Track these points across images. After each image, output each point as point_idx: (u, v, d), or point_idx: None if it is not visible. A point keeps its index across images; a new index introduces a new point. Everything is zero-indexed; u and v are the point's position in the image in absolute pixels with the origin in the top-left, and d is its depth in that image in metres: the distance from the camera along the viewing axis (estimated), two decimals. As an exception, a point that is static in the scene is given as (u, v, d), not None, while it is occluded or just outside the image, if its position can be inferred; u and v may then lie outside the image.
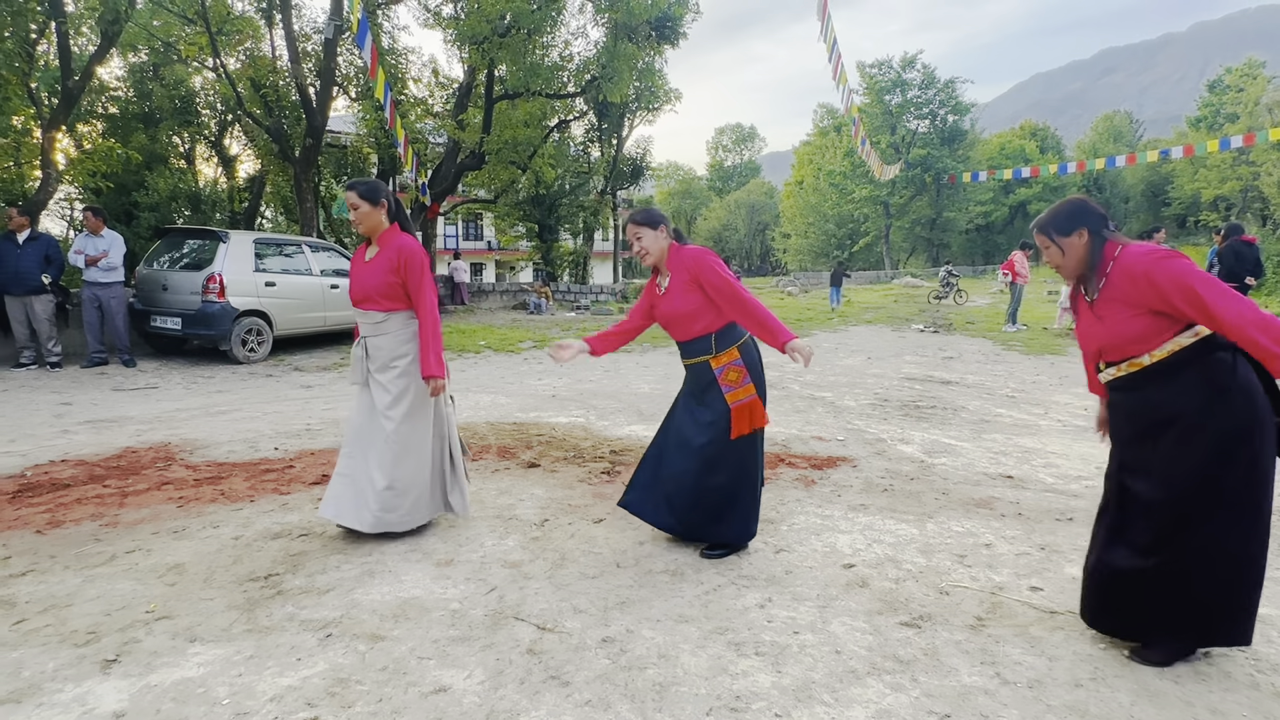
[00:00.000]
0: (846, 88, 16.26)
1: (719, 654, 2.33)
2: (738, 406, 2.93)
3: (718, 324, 2.97)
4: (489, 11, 13.74)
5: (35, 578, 2.86)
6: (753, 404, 2.94)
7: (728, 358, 2.94)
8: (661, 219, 3.02)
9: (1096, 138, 59.04)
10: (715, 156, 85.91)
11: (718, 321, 2.97)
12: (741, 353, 2.96)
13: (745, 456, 2.99)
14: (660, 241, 3.00)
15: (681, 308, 2.97)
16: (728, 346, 2.96)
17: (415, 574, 2.91)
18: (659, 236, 3.00)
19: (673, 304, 3.00)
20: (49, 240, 8.33)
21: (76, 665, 2.24)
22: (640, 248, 3.00)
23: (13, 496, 3.84)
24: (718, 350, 2.96)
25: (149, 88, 15.30)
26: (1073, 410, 6.46)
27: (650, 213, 3.04)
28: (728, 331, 2.98)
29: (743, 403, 2.93)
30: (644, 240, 2.99)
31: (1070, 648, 2.39)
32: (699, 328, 2.97)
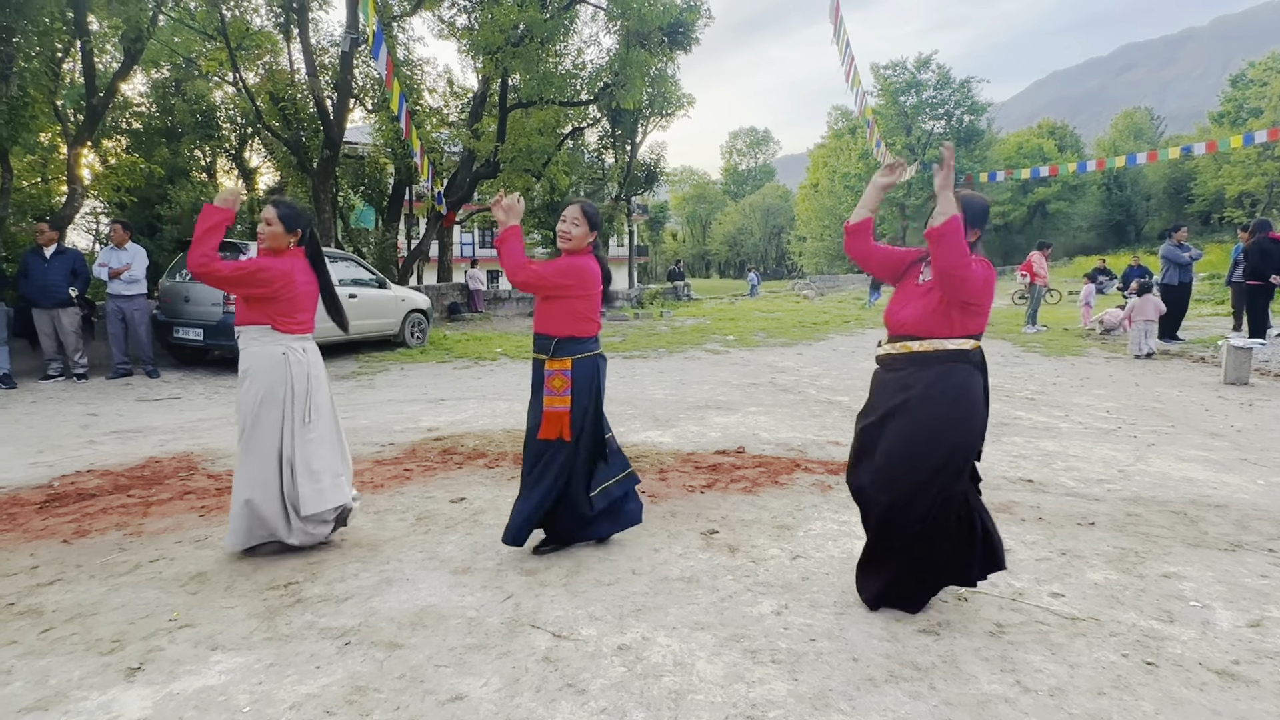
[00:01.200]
0: (860, 90, 16.20)
1: (735, 661, 2.32)
2: (549, 411, 3.06)
3: (559, 332, 3.09)
4: (502, 21, 13.86)
5: (62, 587, 2.91)
6: (562, 415, 3.05)
7: (559, 365, 3.06)
8: (598, 226, 3.22)
9: (1117, 135, 58.27)
10: (729, 160, 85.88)
11: (560, 329, 3.09)
12: (574, 367, 3.08)
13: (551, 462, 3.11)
14: (585, 240, 3.17)
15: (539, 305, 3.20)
16: (567, 355, 3.08)
17: (432, 582, 2.93)
18: (586, 235, 3.16)
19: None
20: (75, 254, 8.50)
21: (101, 673, 2.28)
22: (566, 230, 3.16)
23: (40, 507, 3.91)
24: (554, 355, 3.09)
25: (171, 103, 15.58)
26: (1094, 413, 6.37)
27: (598, 215, 3.24)
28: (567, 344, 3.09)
29: (554, 410, 3.05)
30: (577, 229, 3.15)
31: (1092, 655, 2.35)
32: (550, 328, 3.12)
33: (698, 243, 76.43)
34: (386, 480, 4.36)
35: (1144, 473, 4.52)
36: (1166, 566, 3.06)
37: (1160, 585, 2.88)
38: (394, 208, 18.65)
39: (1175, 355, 9.90)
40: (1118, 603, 2.73)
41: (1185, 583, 2.91)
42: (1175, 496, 4.04)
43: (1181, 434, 5.59)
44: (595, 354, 3.16)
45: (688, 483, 4.27)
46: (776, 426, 5.80)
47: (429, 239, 18.76)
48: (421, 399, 7.29)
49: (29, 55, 9.46)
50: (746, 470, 4.52)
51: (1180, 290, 10.82)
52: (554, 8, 14.99)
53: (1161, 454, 4.98)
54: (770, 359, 10.16)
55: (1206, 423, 5.97)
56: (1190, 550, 3.25)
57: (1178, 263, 10.71)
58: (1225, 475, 4.46)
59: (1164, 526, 3.55)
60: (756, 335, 13.17)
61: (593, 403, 3.13)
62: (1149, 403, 6.83)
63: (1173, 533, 3.47)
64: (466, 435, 5.51)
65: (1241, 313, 10.36)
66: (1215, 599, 2.77)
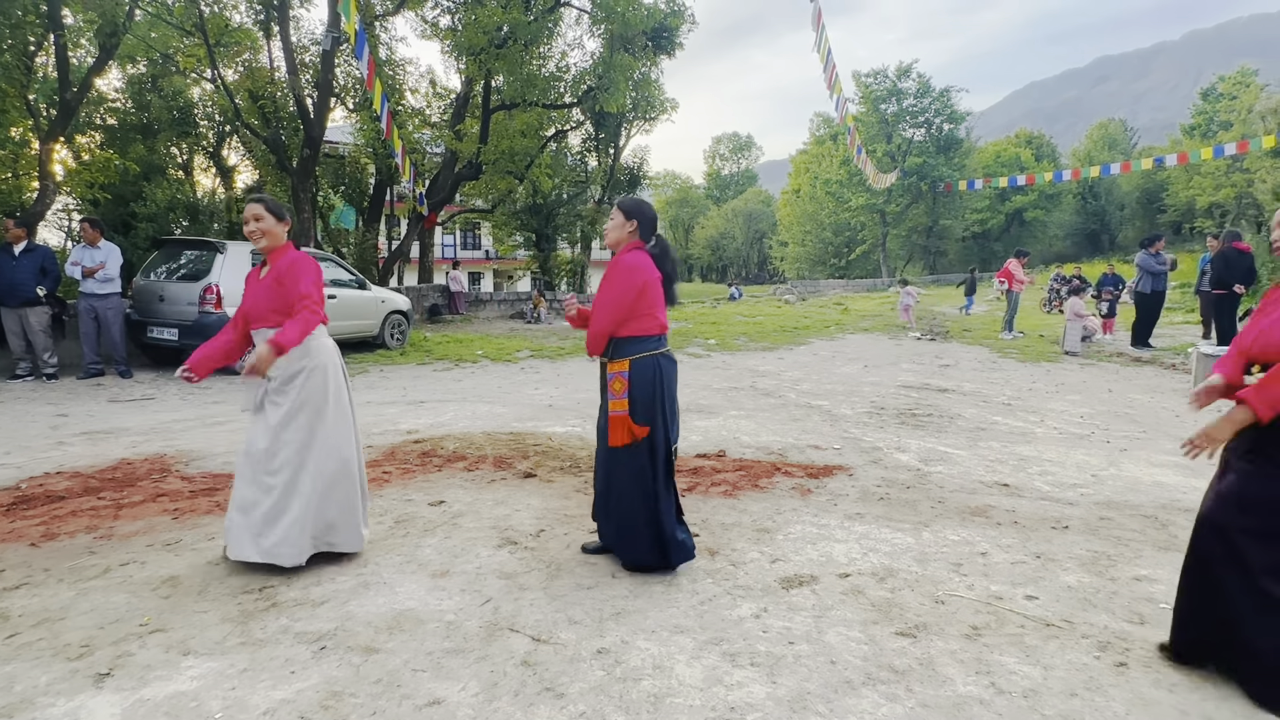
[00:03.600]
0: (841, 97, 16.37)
1: (714, 665, 2.33)
2: (613, 415, 2.93)
3: (620, 333, 2.96)
4: (486, 23, 13.82)
5: (29, 591, 2.85)
6: (624, 419, 2.91)
7: (619, 367, 2.94)
8: (638, 216, 3.03)
9: (1091, 145, 59.32)
10: (712, 165, 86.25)
11: (620, 330, 2.96)
12: (632, 368, 2.93)
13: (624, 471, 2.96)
14: (621, 231, 3.05)
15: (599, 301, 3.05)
16: (626, 356, 2.95)
17: (410, 585, 2.91)
18: (624, 226, 3.04)
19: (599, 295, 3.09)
20: (45, 252, 8.33)
21: (69, 679, 2.23)
22: (605, 230, 3.11)
23: (7, 509, 3.82)
24: (613, 356, 2.97)
25: (147, 99, 15.33)
26: (1068, 418, 6.47)
27: (639, 206, 3.07)
28: (625, 344, 2.97)
29: (618, 414, 2.92)
30: (613, 222, 3.06)
31: (1065, 657, 2.39)
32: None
33: (680, 247, 76.59)
34: (365, 483, 4.31)
35: (1116, 477, 4.60)
36: (1138, 569, 3.12)
37: (1131, 588, 2.93)
38: (375, 208, 18.50)
39: (1147, 362, 10.09)
40: (1090, 605, 2.77)
41: (1156, 585, 2.96)
42: (1146, 501, 4.11)
43: (1153, 439, 5.70)
44: (657, 353, 2.96)
45: (668, 486, 4.27)
46: (757, 430, 5.83)
47: (410, 240, 18.62)
48: (401, 401, 7.23)
49: (1, 48, 9.27)
50: (727, 474, 4.53)
51: (1154, 298, 11.04)
52: (538, 10, 14.98)
53: (1133, 459, 5.07)
54: (751, 363, 10.21)
55: (1177, 428, 6.08)
56: (1161, 553, 3.31)
57: (1151, 271, 10.93)
58: (1195, 480, 4.55)
59: (1135, 530, 3.62)
60: (738, 339, 13.22)
61: (658, 407, 2.93)
62: (1121, 408, 6.95)
63: (1144, 536, 3.53)
64: (446, 438, 5.47)
65: (1210, 321, 10.59)
66: (1184, 601, 2.81)
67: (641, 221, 3.03)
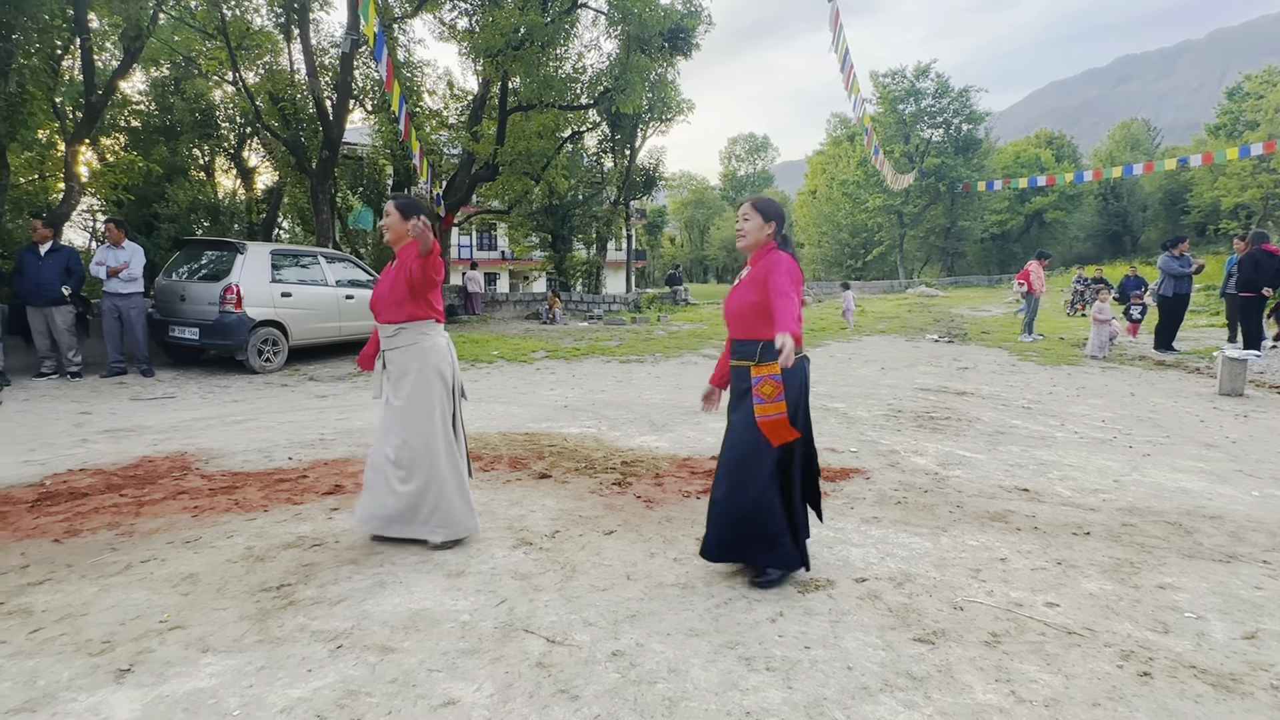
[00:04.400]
0: (859, 97, 16.27)
1: (729, 669, 2.31)
2: (764, 421, 2.78)
3: (769, 334, 2.80)
4: (503, 25, 13.88)
5: (52, 586, 2.89)
6: (781, 422, 2.78)
7: (768, 369, 2.78)
8: (775, 217, 2.94)
9: (1113, 146, 58.53)
10: (728, 166, 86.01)
11: (769, 331, 2.79)
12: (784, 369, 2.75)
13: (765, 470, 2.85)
14: (761, 234, 2.93)
15: (742, 303, 2.89)
16: (773, 358, 2.75)
17: (426, 585, 2.92)
18: (763, 228, 2.92)
19: (738, 298, 2.93)
20: (70, 252, 8.48)
21: (90, 675, 2.26)
22: (740, 229, 2.95)
23: (32, 505, 3.89)
24: (761, 359, 2.82)
25: (170, 101, 15.55)
26: (1090, 422, 6.38)
27: (770, 204, 2.97)
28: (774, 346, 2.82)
29: (771, 418, 2.77)
30: (748, 223, 2.93)
31: (1087, 666, 2.35)
32: (753, 330, 2.86)
33: (696, 248, 76.50)
34: (381, 482, 4.34)
35: (1139, 483, 4.53)
36: (1161, 577, 3.06)
37: (1155, 596, 2.88)
38: (392, 209, 18.62)
39: (1171, 366, 9.93)
40: (1113, 613, 2.73)
41: (1180, 594, 2.90)
42: (1170, 507, 4.04)
43: (1177, 445, 5.60)
44: (802, 354, 2.87)
45: (683, 488, 4.26)
46: (773, 432, 5.79)
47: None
48: (417, 401, 7.27)
49: (28, 52, 9.45)
50: (742, 476, 4.50)
51: (1177, 301, 10.87)
52: (555, 11, 15.02)
53: (1157, 464, 4.99)
54: (767, 365, 10.16)
55: (1201, 434, 5.98)
56: (1185, 561, 3.25)
57: (1173, 274, 10.76)
58: (1220, 486, 4.47)
59: (1159, 537, 3.56)
60: (753, 341, 13.16)
61: (802, 408, 2.90)
62: (1144, 413, 6.84)
63: (1168, 543, 3.47)
64: (462, 438, 5.49)
65: (1236, 324, 10.41)
66: (1210, 610, 2.76)
67: (779, 223, 2.96)
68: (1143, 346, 11.81)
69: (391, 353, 3.30)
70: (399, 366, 3.27)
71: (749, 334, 2.88)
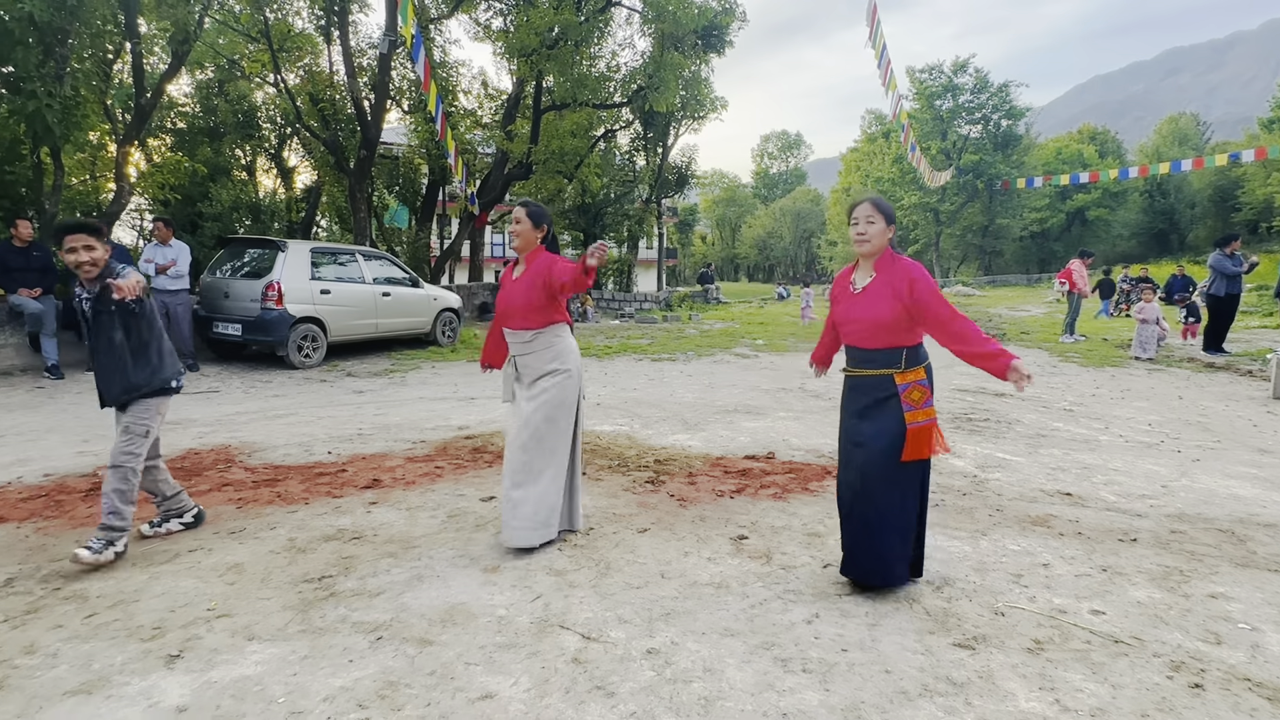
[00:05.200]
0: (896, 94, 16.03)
1: (765, 669, 2.30)
2: (915, 428, 2.74)
3: (913, 339, 2.80)
4: (538, 24, 13.95)
5: (106, 573, 2.99)
6: (930, 429, 2.77)
7: (914, 376, 2.77)
8: (893, 219, 2.88)
9: (1160, 141, 56.76)
10: (760, 164, 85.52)
11: (912, 337, 2.80)
12: (928, 375, 2.82)
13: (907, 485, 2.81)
14: (883, 238, 2.84)
15: (878, 314, 2.79)
16: (919, 364, 2.80)
17: (463, 580, 2.95)
18: (885, 230, 2.83)
19: (869, 308, 2.82)
20: (122, 251, 8.76)
21: (143, 660, 2.33)
22: (862, 232, 2.84)
23: (85, 495, 4.03)
24: (907, 366, 2.78)
25: (214, 103, 15.93)
26: (1136, 426, 6.21)
27: (889, 205, 2.91)
28: (918, 351, 2.82)
29: (921, 425, 2.75)
30: (873, 227, 2.82)
31: (1135, 676, 2.29)
32: (892, 339, 2.78)
33: (727, 246, 76.14)
34: (418, 477, 4.41)
35: (1188, 489, 4.39)
36: (1213, 586, 2.97)
37: (1207, 605, 2.79)
38: (427, 208, 18.86)
39: (1220, 368, 9.61)
40: (1162, 622, 2.65)
41: (1233, 604, 2.81)
42: (1222, 514, 3.91)
43: (1228, 449, 5.42)
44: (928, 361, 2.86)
45: (717, 487, 4.25)
46: (807, 433, 5.75)
47: (461, 239, 18.94)
48: (452, 397, 7.36)
49: (82, 57, 9.76)
50: (776, 476, 4.48)
51: (1227, 301, 10.50)
52: (589, 10, 15.06)
53: (1207, 470, 4.83)
54: (800, 364, 10.08)
55: (1254, 438, 5.78)
56: (1238, 570, 3.14)
57: (1226, 273, 10.40)
58: (1275, 494, 4.31)
59: (1210, 545, 3.44)
60: (786, 340, 13.07)
61: None
62: (1193, 416, 6.63)
63: (1219, 551, 3.36)
64: (496, 434, 5.55)
65: (1292, 325, 10.02)
66: (1265, 621, 2.67)
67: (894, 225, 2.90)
68: (1191, 348, 11.45)
69: (526, 357, 3.33)
70: (534, 369, 3.32)
71: (888, 342, 2.78)
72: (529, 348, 3.33)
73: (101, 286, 3.15)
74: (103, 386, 3.25)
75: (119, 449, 3.18)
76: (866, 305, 2.82)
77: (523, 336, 3.33)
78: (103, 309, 3.18)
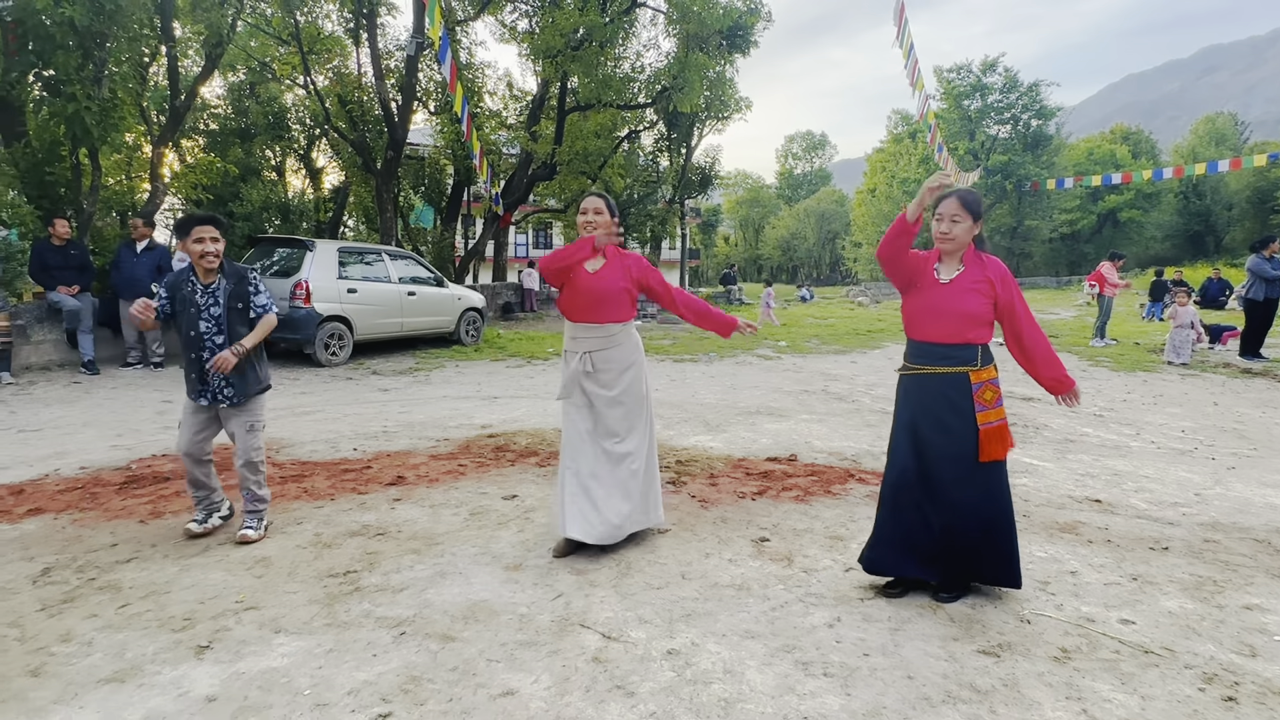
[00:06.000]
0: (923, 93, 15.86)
1: (786, 672, 2.29)
2: (988, 429, 2.70)
3: (988, 336, 2.75)
4: (563, 25, 14.03)
5: (138, 565, 3.06)
6: (1003, 429, 2.73)
7: (987, 375, 2.72)
8: (980, 215, 2.78)
9: (1196, 141, 55.43)
10: (785, 164, 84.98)
11: (989, 334, 2.75)
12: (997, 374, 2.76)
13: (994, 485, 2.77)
14: (969, 235, 2.76)
15: (968, 307, 2.72)
16: (990, 363, 2.75)
17: (484, 577, 2.98)
18: (971, 228, 2.75)
19: (958, 299, 2.73)
20: (163, 251, 8.98)
21: (173, 650, 2.38)
22: (948, 228, 2.74)
23: (120, 488, 4.13)
24: (982, 364, 2.72)
25: (245, 105, 16.24)
26: (1168, 432, 6.07)
27: (979, 201, 2.81)
28: (988, 350, 2.76)
29: (994, 425, 2.71)
30: (958, 224, 2.74)
31: (1166, 687, 2.24)
32: (973, 335, 2.73)
33: (750, 247, 75.79)
34: (441, 475, 4.45)
35: (1223, 497, 4.29)
36: (1248, 598, 2.90)
37: (1241, 617, 2.73)
38: (452, 208, 19.05)
39: (1258, 374, 9.37)
40: (1194, 633, 2.59)
41: (1269, 615, 2.74)
42: (1258, 524, 3.81)
43: (1265, 458, 5.28)
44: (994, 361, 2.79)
45: (738, 489, 4.24)
46: (830, 435, 5.71)
47: (485, 239, 19.10)
48: (475, 396, 7.42)
49: (119, 60, 9.99)
50: (798, 478, 4.46)
51: (1265, 306, 10.23)
52: (614, 11, 15.10)
53: (1243, 478, 4.71)
54: (823, 366, 10.01)
55: (1293, 446, 5.62)
56: (1275, 581, 3.06)
57: (1264, 277, 10.13)
58: (1314, 503, 4.19)
59: (1245, 555, 3.36)
60: (809, 342, 12.98)
61: None
62: (1229, 423, 6.47)
63: (1255, 562, 3.28)
64: (519, 433, 5.58)
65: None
66: (1303, 635, 2.60)
67: (981, 222, 2.79)
68: (1226, 353, 11.17)
69: (609, 350, 3.27)
70: (617, 362, 3.28)
71: (971, 338, 2.73)
72: (613, 340, 3.27)
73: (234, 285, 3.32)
74: (225, 382, 3.33)
75: (250, 447, 3.38)
76: (955, 297, 2.73)
77: (609, 330, 3.25)
78: (234, 305, 3.32)
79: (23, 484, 4.19)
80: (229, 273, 3.36)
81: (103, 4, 8.50)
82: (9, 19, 8.49)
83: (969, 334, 2.72)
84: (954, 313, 2.72)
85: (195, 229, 3.27)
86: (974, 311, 2.71)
